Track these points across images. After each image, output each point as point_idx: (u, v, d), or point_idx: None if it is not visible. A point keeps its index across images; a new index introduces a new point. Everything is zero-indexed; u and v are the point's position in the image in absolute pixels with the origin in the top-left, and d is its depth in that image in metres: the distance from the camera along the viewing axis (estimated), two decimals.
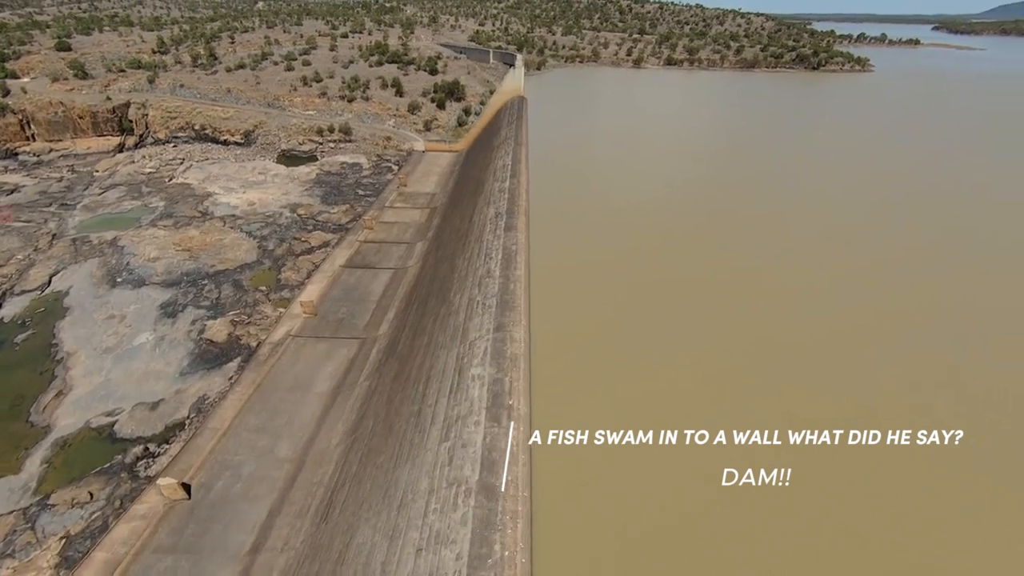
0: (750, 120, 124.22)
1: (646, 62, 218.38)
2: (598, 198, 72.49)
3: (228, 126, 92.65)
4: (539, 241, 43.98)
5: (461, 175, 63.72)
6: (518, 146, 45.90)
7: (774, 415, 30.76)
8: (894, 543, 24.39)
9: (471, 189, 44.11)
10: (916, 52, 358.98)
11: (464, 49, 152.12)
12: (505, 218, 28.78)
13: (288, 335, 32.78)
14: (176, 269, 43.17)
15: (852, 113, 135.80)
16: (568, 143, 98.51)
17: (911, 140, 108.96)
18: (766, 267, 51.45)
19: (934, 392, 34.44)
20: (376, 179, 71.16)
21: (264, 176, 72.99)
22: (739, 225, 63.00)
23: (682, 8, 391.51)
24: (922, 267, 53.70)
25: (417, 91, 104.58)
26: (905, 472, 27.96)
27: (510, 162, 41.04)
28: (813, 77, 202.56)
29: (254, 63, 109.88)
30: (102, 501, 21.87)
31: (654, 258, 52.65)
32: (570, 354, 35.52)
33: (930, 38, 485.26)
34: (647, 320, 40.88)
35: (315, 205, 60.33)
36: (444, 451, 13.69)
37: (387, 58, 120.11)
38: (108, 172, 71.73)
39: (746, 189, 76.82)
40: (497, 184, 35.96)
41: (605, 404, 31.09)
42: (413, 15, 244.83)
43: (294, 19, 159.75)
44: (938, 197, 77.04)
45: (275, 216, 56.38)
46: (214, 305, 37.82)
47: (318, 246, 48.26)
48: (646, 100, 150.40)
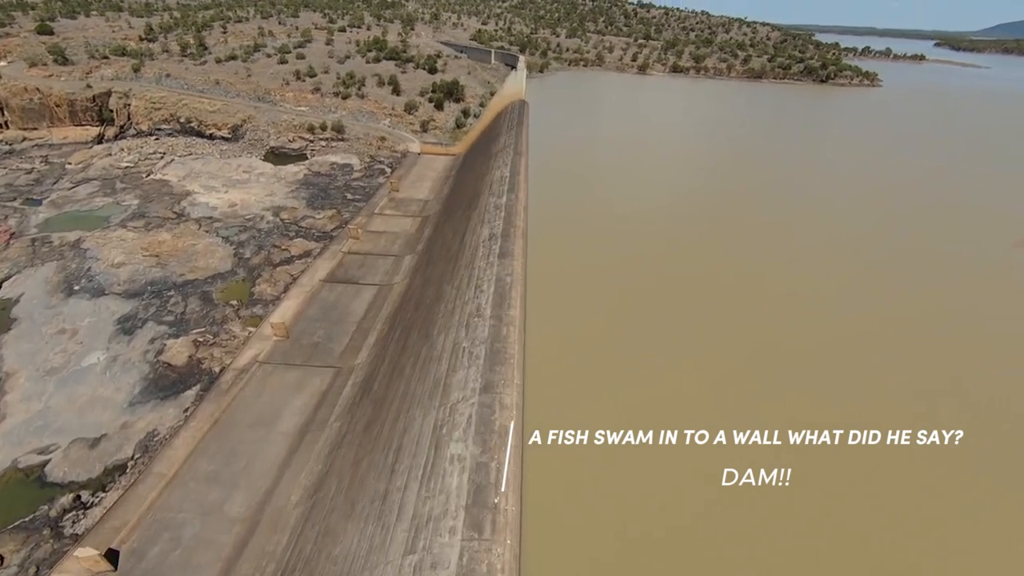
0: (759, 132, 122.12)
1: (651, 68, 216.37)
2: (601, 204, 70.07)
3: (215, 120, 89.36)
4: (539, 246, 41.84)
5: (457, 181, 60.91)
6: (517, 156, 43.10)
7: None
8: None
9: (465, 201, 41.29)
10: (922, 68, 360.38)
11: (465, 48, 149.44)
12: (500, 241, 25.96)
13: (255, 361, 29.73)
14: (141, 277, 39.97)
15: (862, 128, 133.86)
16: (570, 149, 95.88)
17: (922, 154, 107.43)
18: (770, 273, 51.52)
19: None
20: (367, 182, 68.16)
21: (249, 175, 69.80)
22: (745, 232, 60.95)
23: (688, 14, 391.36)
24: (926, 275, 53.96)
25: (415, 90, 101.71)
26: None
27: (508, 174, 38.25)
28: (821, 90, 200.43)
29: (246, 55, 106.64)
30: (14, 568, 18.79)
31: (656, 263, 52.64)
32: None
33: (933, 54, 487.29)
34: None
35: (300, 209, 57.24)
36: (408, 568, 10.81)
37: (385, 55, 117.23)
38: (82, 165, 68.27)
39: (753, 200, 74.54)
40: (493, 199, 33.14)
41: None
42: (415, 11, 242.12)
43: (291, 10, 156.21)
44: (944, 209, 75.94)
45: (256, 220, 53.25)
46: (178, 321, 34.68)
47: (299, 255, 45.19)
48: (652, 107, 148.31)
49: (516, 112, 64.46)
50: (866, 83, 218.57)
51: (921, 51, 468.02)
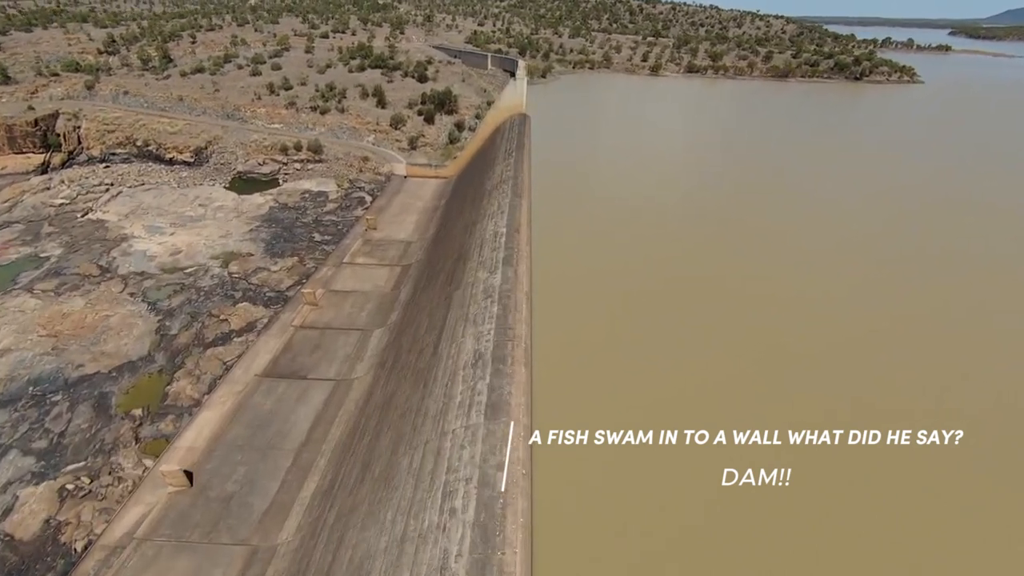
0: (803, 146, 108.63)
1: (664, 69, 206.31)
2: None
3: (176, 142, 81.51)
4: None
5: (446, 217, 52.22)
6: (517, 198, 34.18)
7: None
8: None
9: (450, 261, 32.47)
10: (950, 59, 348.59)
11: (459, 52, 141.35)
12: (490, 368, 17.07)
13: (130, 537, 20.79)
14: (24, 372, 31.32)
15: (921, 135, 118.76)
16: (583, 177, 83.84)
17: (1010, 167, 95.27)
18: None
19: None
20: (342, 215, 59.63)
21: (205, 209, 61.51)
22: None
23: (696, 9, 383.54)
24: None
25: (403, 102, 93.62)
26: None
27: (504, 228, 29.37)
28: (857, 89, 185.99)
29: (215, 67, 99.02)
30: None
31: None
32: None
33: (956, 44, 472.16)
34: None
35: (255, 256, 48.67)
36: None
37: (371, 62, 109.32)
38: (8, 203, 60.20)
39: (822, 247, 65.13)
40: (483, 276, 24.27)
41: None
42: (406, 13, 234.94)
43: (270, 16, 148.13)
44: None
45: (198, 273, 44.69)
46: (51, 449, 25.96)
47: (240, 330, 36.40)
48: (671, 117, 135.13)
49: (515, 130, 55.72)
50: (905, 79, 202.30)
51: (936, 40, 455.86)
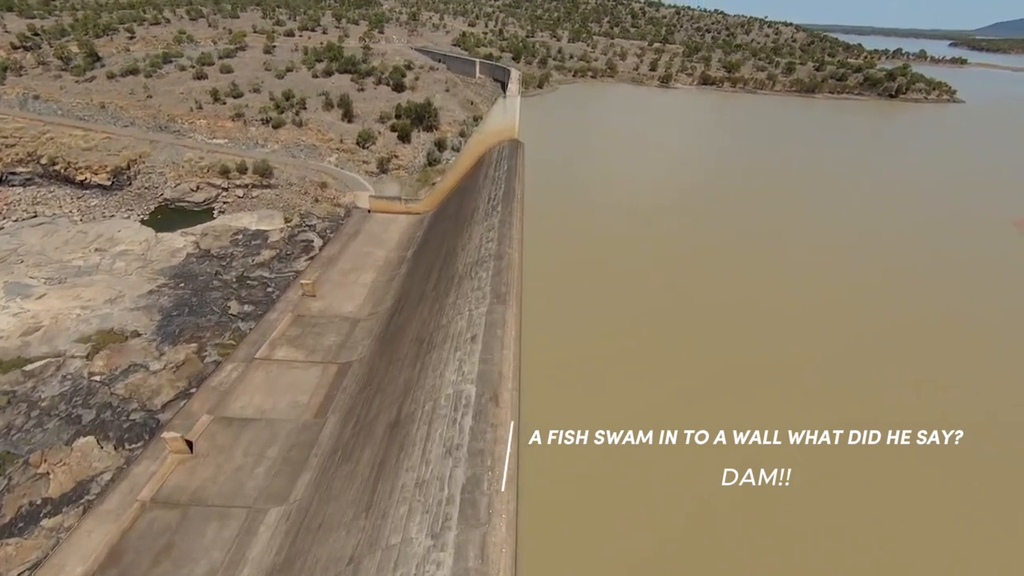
0: (858, 184, 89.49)
1: (676, 80, 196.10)
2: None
3: (90, 159, 69.52)
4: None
5: (411, 276, 40.94)
6: (498, 302, 22.82)
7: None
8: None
9: (404, 372, 21.00)
10: (970, 73, 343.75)
11: (445, 57, 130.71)
12: None
13: None
14: None
15: (991, 170, 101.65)
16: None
17: None
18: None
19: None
20: (277, 270, 47.98)
21: (102, 256, 49.62)
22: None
23: (702, 14, 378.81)
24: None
25: (374, 114, 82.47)
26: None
27: (481, 331, 18.10)
28: (893, 107, 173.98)
29: (151, 67, 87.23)
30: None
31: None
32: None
33: (954, 56, 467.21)
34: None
35: (140, 340, 36.83)
36: None
37: (339, 66, 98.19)
38: None
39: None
40: (449, 416, 13.02)
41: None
42: (390, 10, 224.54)
43: (231, 10, 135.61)
44: None
45: (46, 371, 32.76)
46: None
47: (58, 499, 24.33)
48: (703, 147, 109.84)
49: (504, 164, 44.50)
50: (944, 97, 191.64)
51: (937, 52, 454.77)
